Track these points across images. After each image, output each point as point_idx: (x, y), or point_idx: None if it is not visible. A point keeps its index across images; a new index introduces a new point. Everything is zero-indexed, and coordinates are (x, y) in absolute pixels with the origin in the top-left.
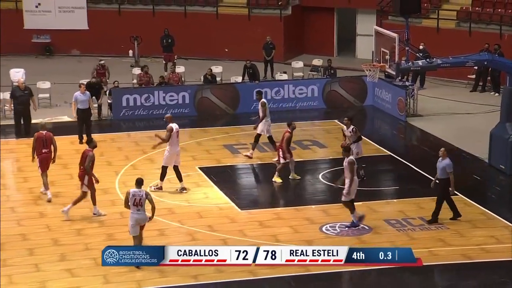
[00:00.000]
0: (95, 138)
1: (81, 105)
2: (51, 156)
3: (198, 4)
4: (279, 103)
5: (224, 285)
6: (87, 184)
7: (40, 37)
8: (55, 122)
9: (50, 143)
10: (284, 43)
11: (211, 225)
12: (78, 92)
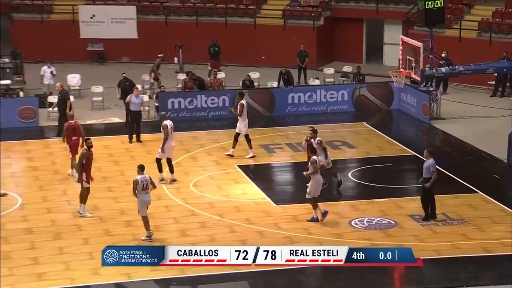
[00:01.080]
0: (144, 138)
1: (133, 107)
2: (79, 142)
3: (237, 15)
4: (311, 107)
5: (259, 274)
6: (86, 180)
7: (94, 45)
8: (106, 123)
9: (78, 131)
10: (316, 51)
11: (248, 218)
12: (132, 95)
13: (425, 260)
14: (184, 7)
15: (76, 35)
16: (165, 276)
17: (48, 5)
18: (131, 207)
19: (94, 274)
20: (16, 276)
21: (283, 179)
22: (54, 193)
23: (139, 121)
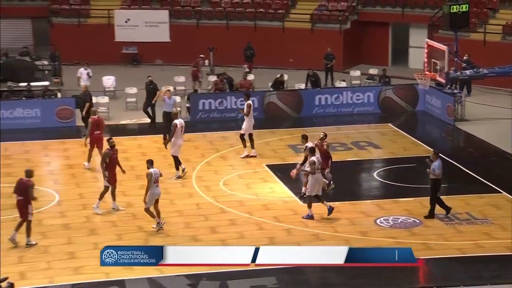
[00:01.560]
0: None
1: (166, 108)
2: (102, 136)
3: (266, 19)
4: (338, 108)
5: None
6: (107, 179)
7: (129, 48)
8: (140, 123)
9: (101, 126)
10: (343, 54)
11: (276, 216)
12: (165, 97)
13: (449, 259)
14: (215, 11)
15: (111, 38)
16: (196, 272)
17: (85, 9)
18: (163, 204)
19: (127, 269)
20: (54, 269)
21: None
22: (89, 190)
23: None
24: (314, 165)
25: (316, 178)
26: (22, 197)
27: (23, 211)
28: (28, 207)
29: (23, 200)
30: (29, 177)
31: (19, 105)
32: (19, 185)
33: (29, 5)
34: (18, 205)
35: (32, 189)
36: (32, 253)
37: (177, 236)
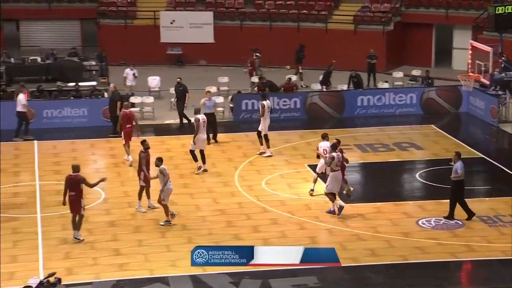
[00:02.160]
0: (220, 138)
1: (207, 109)
2: (132, 130)
3: (309, 20)
4: (380, 109)
5: (328, 271)
6: (143, 179)
7: (173, 49)
8: (184, 123)
9: (132, 120)
10: (386, 55)
11: (318, 216)
12: (205, 98)
13: (492, 261)
14: (259, 13)
15: (157, 39)
16: (238, 270)
17: (132, 11)
18: (206, 203)
19: (171, 266)
20: (99, 265)
21: (351, 178)
22: (134, 188)
23: (214, 121)
24: (333, 160)
25: (335, 175)
26: (74, 193)
27: (76, 206)
28: (80, 202)
29: (76, 196)
30: (77, 172)
31: (67, 104)
32: (69, 181)
33: (78, 7)
34: (71, 200)
35: (85, 181)
36: (79, 249)
37: (220, 234)
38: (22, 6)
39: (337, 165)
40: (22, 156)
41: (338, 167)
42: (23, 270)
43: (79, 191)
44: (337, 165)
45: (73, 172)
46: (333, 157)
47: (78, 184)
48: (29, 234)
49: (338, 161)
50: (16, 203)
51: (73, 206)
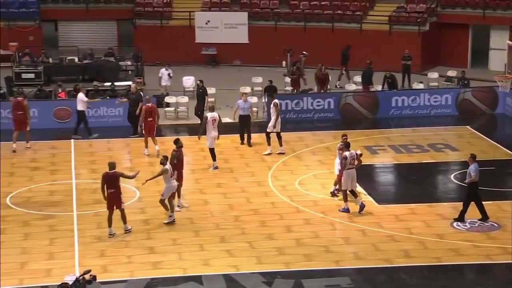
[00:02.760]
0: (253, 138)
1: (242, 111)
2: (154, 123)
3: (344, 20)
4: (415, 110)
5: (361, 271)
6: (176, 178)
7: (208, 49)
8: None
9: (154, 114)
10: (421, 56)
11: (351, 217)
12: (241, 100)
13: None
14: (293, 13)
15: (192, 40)
16: (270, 269)
17: (168, 11)
18: (239, 203)
19: (204, 265)
20: (134, 263)
21: (385, 179)
22: None
23: (249, 125)
24: (345, 160)
25: (348, 173)
26: (113, 189)
27: (116, 202)
28: (120, 197)
29: (115, 192)
30: (113, 169)
31: (103, 104)
32: (106, 178)
33: (114, 7)
34: (111, 197)
35: (123, 174)
36: (113, 247)
37: (253, 234)
38: (60, 7)
39: (351, 163)
40: (59, 155)
41: (352, 165)
42: (60, 267)
43: (118, 187)
44: (351, 163)
45: (109, 169)
46: (346, 157)
47: (117, 180)
48: (65, 231)
49: (352, 159)
50: (52, 201)
51: (113, 202)
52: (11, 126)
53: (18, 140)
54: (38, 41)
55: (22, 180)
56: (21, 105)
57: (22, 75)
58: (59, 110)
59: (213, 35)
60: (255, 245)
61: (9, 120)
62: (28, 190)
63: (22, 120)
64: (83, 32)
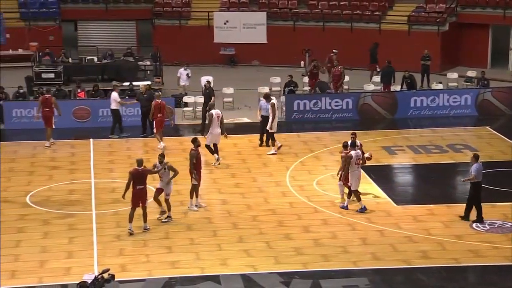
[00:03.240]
0: None
1: (264, 112)
2: (163, 119)
3: (363, 21)
4: (434, 110)
5: (379, 272)
6: (195, 178)
7: (226, 49)
8: (236, 123)
9: (163, 110)
10: (440, 56)
11: (369, 217)
12: (263, 101)
13: None
14: (312, 13)
15: (210, 40)
16: (288, 270)
17: (186, 12)
18: (257, 203)
19: (222, 265)
20: (152, 263)
21: (404, 180)
22: (186, 187)
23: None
24: (350, 160)
25: (355, 173)
26: (142, 186)
27: (143, 199)
28: (147, 195)
29: (143, 189)
30: (141, 166)
31: None
32: (135, 175)
33: (134, 8)
34: (138, 194)
35: (151, 171)
36: (132, 247)
37: (271, 234)
38: (80, 7)
39: (356, 163)
40: (78, 154)
41: (357, 165)
42: (79, 266)
43: (146, 184)
44: (356, 163)
45: (137, 166)
46: (351, 156)
47: (145, 177)
48: (84, 230)
49: (357, 159)
50: (72, 200)
51: (140, 199)
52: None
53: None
54: (58, 41)
55: (41, 179)
56: (49, 102)
57: (42, 75)
58: (78, 110)
59: (231, 35)
60: (273, 245)
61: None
62: (48, 189)
63: (48, 117)
64: (102, 32)
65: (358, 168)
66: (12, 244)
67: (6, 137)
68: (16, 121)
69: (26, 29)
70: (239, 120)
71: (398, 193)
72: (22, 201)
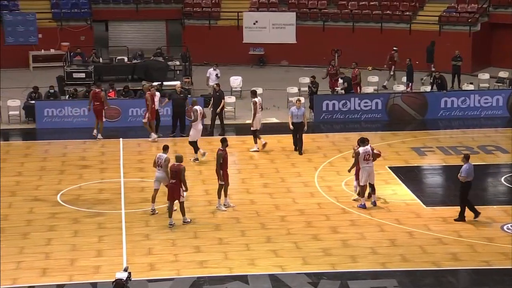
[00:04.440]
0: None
1: (295, 118)
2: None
3: (393, 21)
4: (464, 111)
5: (408, 274)
6: (221, 178)
7: (255, 49)
8: (265, 123)
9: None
10: (472, 57)
11: (398, 218)
12: (294, 107)
13: None
14: (341, 13)
15: (240, 40)
16: (316, 270)
17: (216, 12)
18: (285, 203)
19: (250, 265)
20: (180, 262)
21: (433, 181)
22: (214, 187)
23: (301, 132)
24: (358, 156)
25: (365, 169)
26: (174, 180)
27: (176, 193)
28: (180, 190)
29: (175, 183)
30: (180, 162)
31: None
32: (172, 169)
33: (164, 8)
34: (171, 188)
35: (184, 172)
36: (161, 246)
37: (299, 234)
38: (111, 7)
39: (365, 158)
40: (108, 154)
41: (368, 161)
42: (108, 265)
43: (179, 180)
44: (365, 159)
45: (176, 161)
46: (358, 153)
47: (179, 174)
48: (114, 229)
49: (366, 155)
50: (101, 199)
51: (173, 193)
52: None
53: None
54: (89, 41)
55: (72, 178)
56: (99, 96)
57: (73, 75)
58: (108, 109)
59: (260, 35)
60: (301, 246)
61: (60, 119)
62: (78, 188)
63: (99, 110)
64: (132, 32)
65: (368, 164)
66: (44, 242)
67: (38, 136)
68: (47, 121)
69: (58, 30)
70: (268, 120)
71: (428, 195)
72: (53, 200)
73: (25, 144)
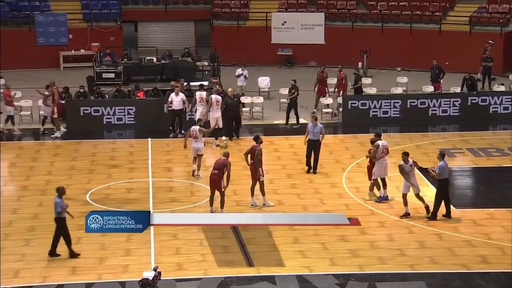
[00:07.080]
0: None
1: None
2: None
3: (423, 21)
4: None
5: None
6: (262, 174)
7: (284, 50)
8: (292, 123)
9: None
10: (503, 57)
11: (426, 220)
12: (311, 123)
13: None
14: (370, 14)
15: (268, 40)
16: (344, 272)
17: (245, 12)
18: (313, 204)
19: (277, 265)
20: (208, 262)
21: (463, 183)
22: (243, 187)
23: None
24: (377, 149)
25: (381, 162)
26: (217, 171)
27: (217, 184)
28: (221, 182)
29: (218, 175)
30: (226, 157)
31: None
32: (218, 162)
33: (192, 8)
34: (212, 178)
35: (230, 167)
36: (188, 245)
37: (326, 235)
38: (140, 8)
39: (382, 152)
40: (136, 153)
41: (383, 155)
42: (136, 264)
43: (222, 173)
44: (383, 152)
45: (223, 156)
46: (378, 145)
47: (223, 166)
48: None
49: (384, 148)
50: (130, 198)
51: (213, 183)
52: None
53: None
54: (118, 42)
55: (101, 178)
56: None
57: (103, 75)
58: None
59: (289, 35)
60: (329, 247)
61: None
62: (107, 187)
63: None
64: (161, 33)
65: (384, 157)
66: (73, 241)
67: (68, 136)
68: (77, 121)
69: (88, 30)
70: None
71: (457, 197)
72: (82, 199)
73: (55, 143)
